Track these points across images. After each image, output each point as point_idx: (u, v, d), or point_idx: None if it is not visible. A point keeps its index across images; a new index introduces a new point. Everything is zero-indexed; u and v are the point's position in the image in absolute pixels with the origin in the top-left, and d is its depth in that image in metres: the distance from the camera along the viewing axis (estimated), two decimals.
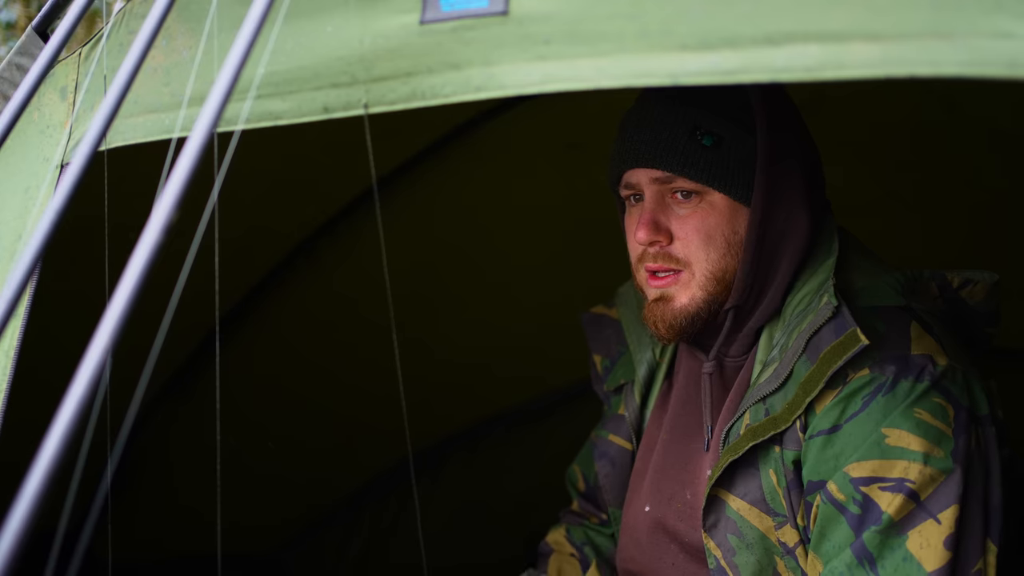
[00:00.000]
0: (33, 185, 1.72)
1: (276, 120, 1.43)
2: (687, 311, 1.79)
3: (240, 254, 2.78)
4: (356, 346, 3.13)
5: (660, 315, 1.81)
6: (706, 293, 1.78)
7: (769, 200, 1.75)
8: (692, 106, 1.76)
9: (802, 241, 1.79)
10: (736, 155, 1.75)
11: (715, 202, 1.76)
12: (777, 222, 1.77)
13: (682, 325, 1.80)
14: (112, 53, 1.63)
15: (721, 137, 1.74)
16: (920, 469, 1.62)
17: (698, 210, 1.76)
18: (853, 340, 1.65)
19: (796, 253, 1.79)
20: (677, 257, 1.78)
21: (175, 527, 3.11)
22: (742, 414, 1.78)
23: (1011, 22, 1.00)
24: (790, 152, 1.78)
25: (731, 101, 1.77)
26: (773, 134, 1.76)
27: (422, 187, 2.96)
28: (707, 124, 1.74)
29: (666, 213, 1.78)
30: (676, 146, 1.74)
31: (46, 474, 0.94)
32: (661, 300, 1.81)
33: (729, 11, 1.12)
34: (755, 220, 1.75)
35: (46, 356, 1.88)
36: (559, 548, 2.22)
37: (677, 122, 1.75)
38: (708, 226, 1.76)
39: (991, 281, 1.85)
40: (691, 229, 1.76)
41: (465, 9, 1.27)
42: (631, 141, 1.79)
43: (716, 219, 1.76)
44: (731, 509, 1.78)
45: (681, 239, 1.77)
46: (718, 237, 1.76)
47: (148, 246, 1.03)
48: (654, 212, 1.78)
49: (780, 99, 1.82)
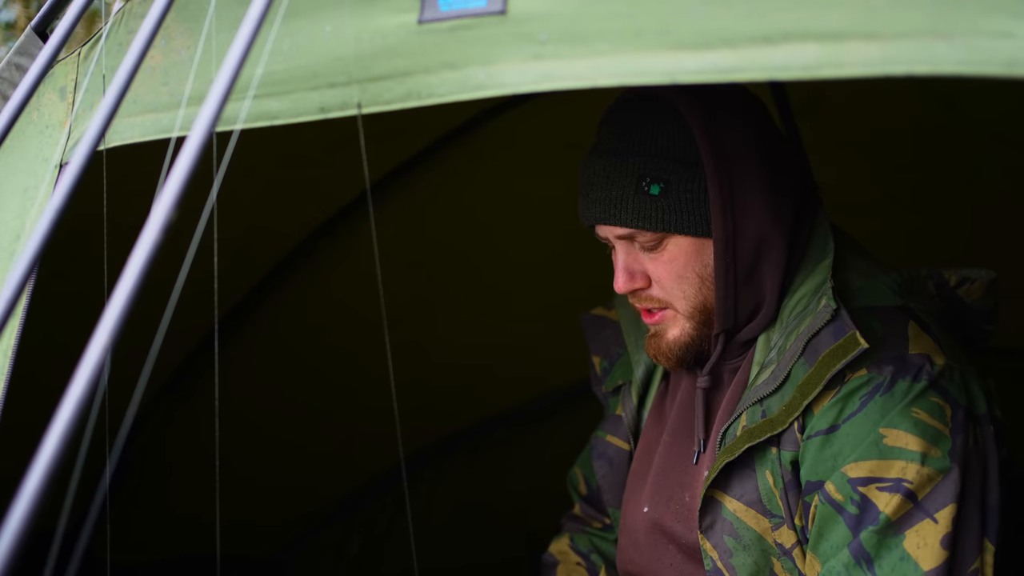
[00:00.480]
0: (32, 185, 1.72)
1: (273, 120, 1.43)
2: (680, 342, 1.83)
3: (240, 254, 2.78)
4: (355, 348, 3.13)
5: (658, 348, 1.85)
6: (695, 323, 1.81)
7: (730, 228, 1.75)
8: (634, 156, 1.75)
9: (780, 255, 1.78)
10: (686, 195, 1.74)
11: (680, 243, 1.77)
12: (745, 244, 1.77)
13: (680, 354, 1.84)
14: (111, 53, 1.63)
15: (668, 181, 1.74)
16: (918, 469, 1.62)
17: (665, 253, 1.78)
18: (852, 343, 1.65)
19: (777, 267, 1.79)
20: (658, 298, 1.82)
21: (174, 527, 3.11)
22: (739, 415, 1.78)
23: (1010, 21, 1.00)
24: (745, 172, 1.76)
25: (674, 139, 1.75)
26: (720, 165, 1.74)
27: (422, 187, 2.96)
28: (651, 172, 1.74)
29: (639, 260, 1.81)
30: (626, 202, 1.75)
31: (45, 474, 0.94)
32: (656, 336, 1.85)
33: (727, 10, 1.12)
34: (719, 251, 1.76)
35: (45, 356, 1.88)
36: (564, 558, 2.21)
37: (623, 175, 1.76)
38: (678, 267, 1.78)
39: (988, 279, 1.84)
40: (663, 272, 1.79)
41: (463, 9, 1.27)
42: (587, 199, 1.81)
43: (684, 259, 1.78)
44: (727, 510, 1.78)
45: (657, 281, 1.80)
46: (690, 274, 1.78)
47: (147, 245, 1.03)
48: (627, 263, 1.81)
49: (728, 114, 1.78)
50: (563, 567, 2.19)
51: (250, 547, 3.33)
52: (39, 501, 0.93)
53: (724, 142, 1.75)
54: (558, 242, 3.14)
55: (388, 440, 3.20)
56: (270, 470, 3.19)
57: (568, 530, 2.26)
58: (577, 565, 2.19)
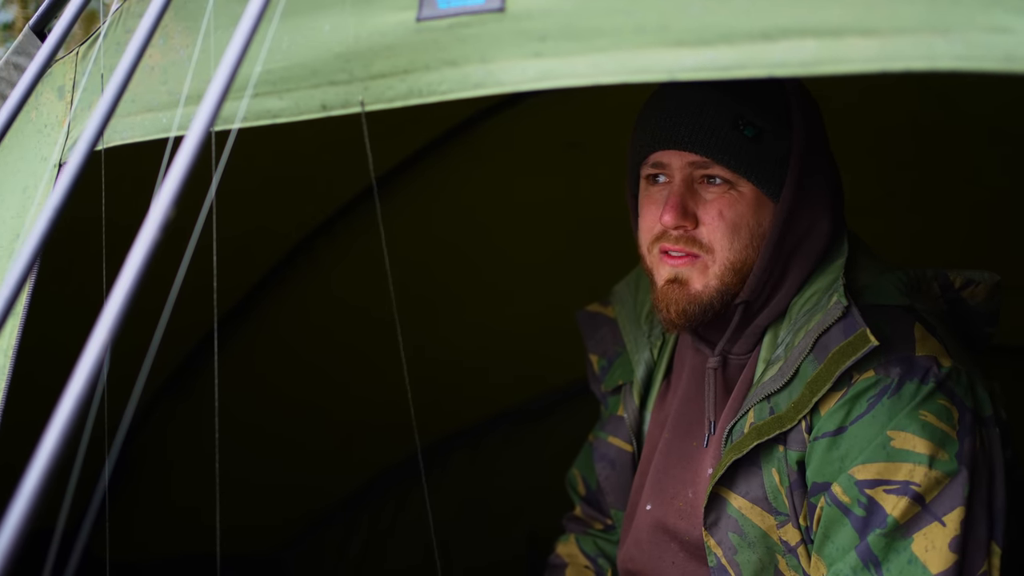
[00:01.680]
0: (31, 184, 1.72)
1: (275, 118, 1.43)
2: (700, 298, 1.77)
3: (239, 253, 2.78)
4: (357, 346, 3.13)
5: (674, 298, 1.78)
6: (720, 283, 1.76)
7: (797, 199, 1.76)
8: (734, 96, 1.75)
9: (821, 244, 1.79)
10: (774, 150, 1.75)
11: (745, 192, 1.75)
12: (801, 222, 1.77)
13: (694, 312, 1.77)
14: (109, 52, 1.63)
15: (762, 130, 1.74)
16: (925, 472, 1.62)
17: (726, 197, 1.75)
18: (862, 341, 1.65)
19: (813, 255, 1.79)
20: (701, 241, 1.76)
21: (174, 526, 3.11)
22: (746, 412, 1.77)
23: (1007, 17, 1.00)
24: (819, 158, 1.80)
25: (772, 97, 1.77)
26: (809, 135, 1.77)
27: (421, 186, 2.95)
28: (750, 116, 1.74)
29: (694, 198, 1.76)
30: (719, 133, 1.73)
31: (44, 472, 0.94)
32: (676, 282, 1.78)
33: (725, 7, 1.12)
34: (780, 217, 1.75)
35: (45, 355, 1.88)
36: (573, 560, 2.20)
37: (720, 110, 1.74)
38: (735, 214, 1.75)
39: (992, 282, 1.84)
40: (718, 216, 1.75)
41: (462, 6, 1.27)
42: (670, 122, 1.76)
43: (743, 208, 1.75)
44: (732, 507, 1.78)
45: (707, 224, 1.75)
46: (743, 227, 1.75)
47: (145, 244, 1.03)
48: (683, 196, 1.75)
49: (812, 108, 1.82)
50: (572, 569, 2.18)
51: (250, 546, 3.33)
52: (39, 500, 0.93)
53: (810, 116, 1.79)
54: (558, 241, 3.14)
55: (388, 438, 3.20)
56: (270, 469, 3.19)
57: (571, 531, 2.25)
58: (585, 568, 2.18)
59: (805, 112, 1.78)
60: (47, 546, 1.15)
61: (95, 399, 1.01)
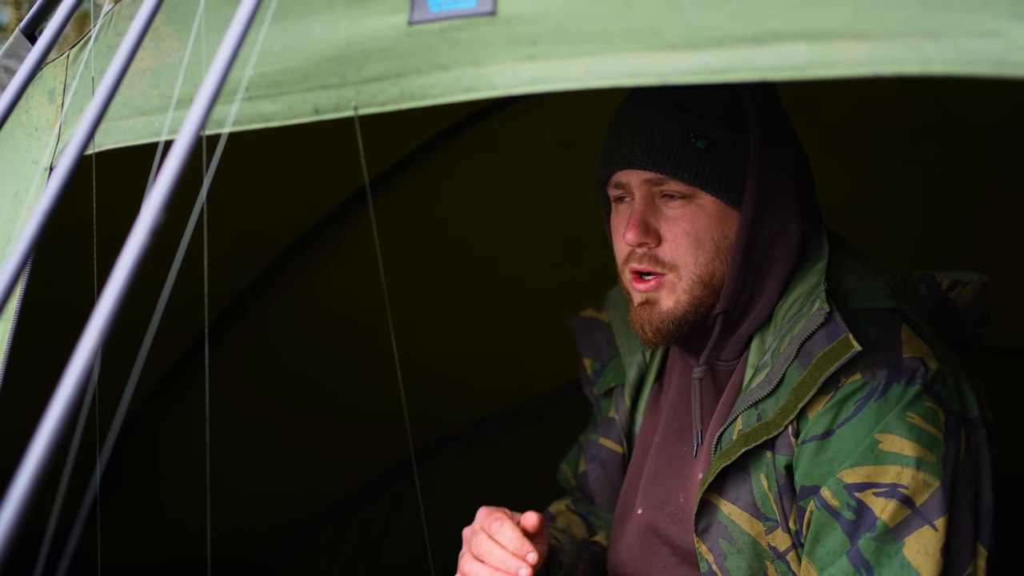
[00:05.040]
0: (22, 188, 1.71)
1: (267, 122, 1.43)
2: (673, 315, 1.77)
3: (229, 258, 2.77)
4: (345, 352, 3.13)
5: (647, 319, 1.79)
6: (691, 297, 1.76)
7: (760, 205, 1.74)
8: (686, 109, 1.75)
9: (794, 246, 1.78)
10: (729, 159, 1.74)
11: (705, 205, 1.75)
12: (768, 227, 1.76)
13: (669, 329, 1.78)
14: (100, 55, 1.62)
15: (715, 140, 1.73)
16: (913, 474, 1.62)
17: (687, 212, 1.75)
18: (845, 346, 1.65)
19: (788, 259, 1.78)
20: (664, 260, 1.76)
21: (165, 530, 3.11)
22: (734, 419, 1.77)
23: (997, 21, 1.01)
24: (782, 158, 1.78)
25: (724, 105, 1.76)
26: (766, 139, 1.75)
27: (411, 190, 2.95)
28: (701, 127, 1.73)
29: (655, 215, 1.76)
30: (670, 148, 1.73)
31: (34, 476, 0.93)
32: (647, 304, 1.79)
33: (717, 11, 1.13)
34: (745, 224, 1.74)
35: (33, 363, 1.87)
36: (563, 513, 2.18)
37: (671, 124, 1.74)
38: (697, 229, 1.75)
39: (980, 282, 1.84)
40: (680, 231, 1.75)
41: (453, 9, 1.27)
42: (625, 141, 1.77)
43: (705, 222, 1.75)
44: (722, 514, 1.78)
45: (669, 241, 1.76)
46: (707, 240, 1.75)
47: (135, 249, 1.03)
48: (643, 213, 1.76)
49: (771, 104, 1.81)
50: (562, 517, 2.16)
51: (242, 550, 3.33)
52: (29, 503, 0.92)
53: (770, 119, 1.77)
54: (549, 247, 3.14)
55: (380, 442, 3.20)
56: (261, 473, 3.18)
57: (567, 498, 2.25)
58: (576, 516, 2.17)
59: (760, 110, 1.77)
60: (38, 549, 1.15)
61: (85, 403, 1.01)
